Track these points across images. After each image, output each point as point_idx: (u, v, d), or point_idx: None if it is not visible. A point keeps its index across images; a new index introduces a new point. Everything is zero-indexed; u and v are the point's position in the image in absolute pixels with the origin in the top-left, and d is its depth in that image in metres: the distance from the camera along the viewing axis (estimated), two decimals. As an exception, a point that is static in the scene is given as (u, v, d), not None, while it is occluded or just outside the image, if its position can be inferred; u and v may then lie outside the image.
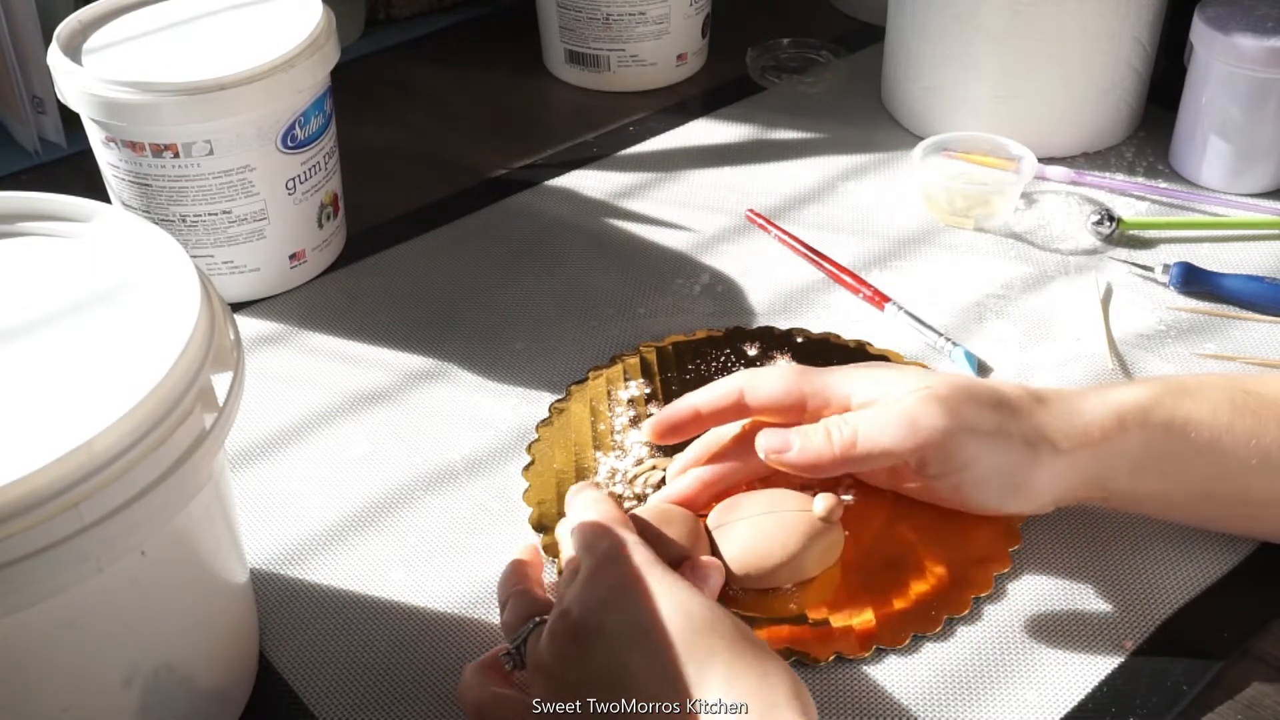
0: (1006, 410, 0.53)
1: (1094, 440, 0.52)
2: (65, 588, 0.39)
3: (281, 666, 0.53)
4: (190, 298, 0.43)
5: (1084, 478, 0.53)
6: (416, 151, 0.89)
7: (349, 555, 0.58)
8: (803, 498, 0.55)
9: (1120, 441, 0.52)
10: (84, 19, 0.71)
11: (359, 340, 0.71)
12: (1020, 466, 0.52)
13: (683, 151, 0.87)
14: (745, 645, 0.44)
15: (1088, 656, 0.52)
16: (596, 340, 0.70)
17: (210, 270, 0.72)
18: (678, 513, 0.54)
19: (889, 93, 0.90)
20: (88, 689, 0.43)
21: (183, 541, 0.44)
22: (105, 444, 0.38)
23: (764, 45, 0.98)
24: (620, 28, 0.91)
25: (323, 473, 0.62)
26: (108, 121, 0.67)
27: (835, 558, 0.55)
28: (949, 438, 0.51)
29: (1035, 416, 0.53)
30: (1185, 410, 0.52)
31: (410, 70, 0.99)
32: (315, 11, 0.71)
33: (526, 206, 0.82)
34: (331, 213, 0.76)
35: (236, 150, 0.68)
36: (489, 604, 0.55)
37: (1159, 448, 0.52)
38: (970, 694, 0.51)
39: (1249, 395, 0.53)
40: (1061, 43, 0.79)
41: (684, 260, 0.77)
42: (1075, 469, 0.53)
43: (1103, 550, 0.57)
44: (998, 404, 0.53)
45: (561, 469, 0.61)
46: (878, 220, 0.79)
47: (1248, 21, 0.76)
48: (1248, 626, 0.53)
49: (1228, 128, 0.78)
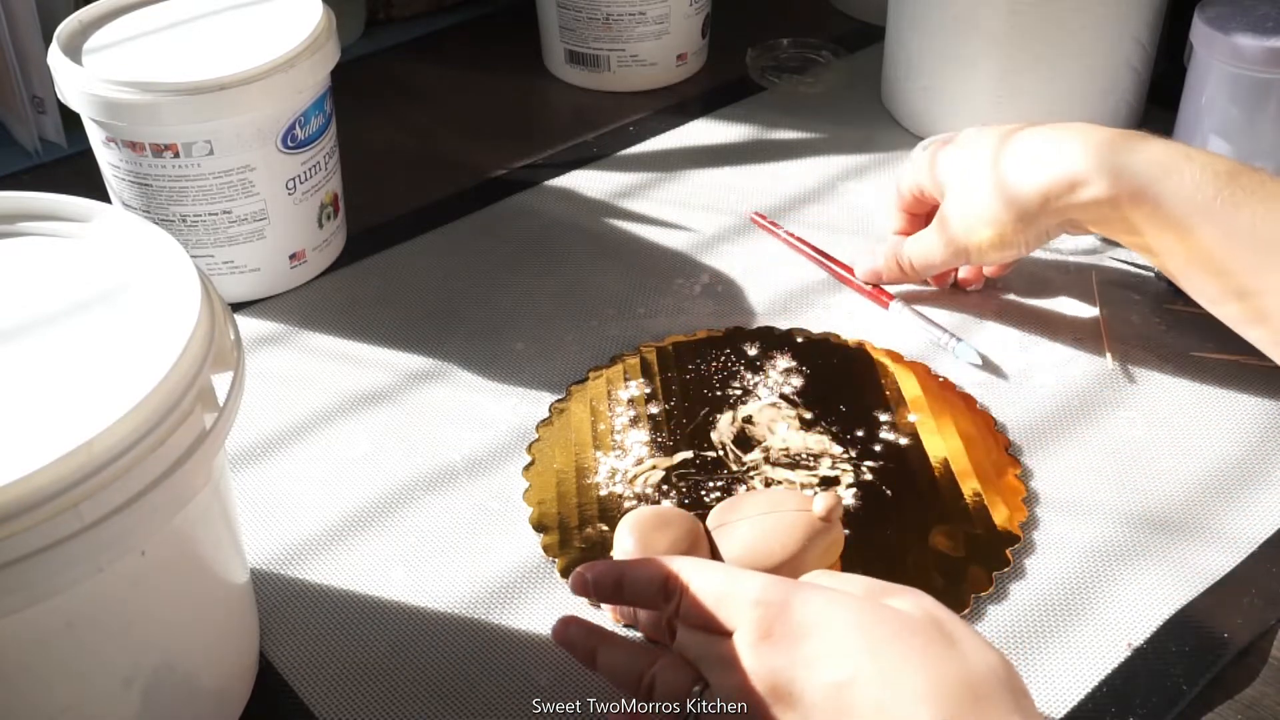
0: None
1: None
2: (65, 588, 0.39)
3: (281, 666, 0.53)
4: (190, 298, 0.43)
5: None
6: (416, 151, 0.89)
7: (349, 555, 0.58)
8: (803, 497, 0.55)
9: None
10: (84, 19, 0.71)
11: (359, 340, 0.71)
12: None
13: (683, 151, 0.87)
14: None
15: (1088, 656, 0.52)
16: (596, 340, 0.70)
17: (210, 270, 0.72)
18: (677, 513, 0.54)
19: (889, 93, 0.90)
20: (88, 689, 0.43)
21: (183, 541, 0.44)
22: (105, 444, 0.38)
23: (764, 45, 0.98)
24: (620, 28, 0.91)
25: (323, 473, 0.62)
26: (108, 121, 0.67)
27: (835, 557, 0.55)
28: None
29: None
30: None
31: (410, 70, 0.99)
32: (315, 11, 0.71)
33: (526, 206, 0.82)
34: (331, 213, 0.76)
35: (237, 150, 0.68)
36: (489, 604, 0.55)
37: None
38: (970, 694, 0.51)
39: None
40: (1061, 43, 0.79)
41: (684, 260, 0.77)
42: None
43: (1103, 550, 0.57)
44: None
45: (561, 469, 0.61)
46: (878, 220, 0.79)
47: (1248, 21, 0.76)
48: (1248, 626, 0.53)
49: (1228, 128, 0.78)
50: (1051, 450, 0.62)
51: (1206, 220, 0.56)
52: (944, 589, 0.54)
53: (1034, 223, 0.62)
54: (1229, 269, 0.57)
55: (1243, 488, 0.60)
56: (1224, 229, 0.56)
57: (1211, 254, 0.57)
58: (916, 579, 0.55)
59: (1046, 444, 0.62)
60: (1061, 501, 0.59)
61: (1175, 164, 0.57)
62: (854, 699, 0.41)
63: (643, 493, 0.59)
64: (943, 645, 0.42)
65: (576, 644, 0.50)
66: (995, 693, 0.41)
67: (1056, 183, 0.60)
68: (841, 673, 0.42)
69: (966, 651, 0.42)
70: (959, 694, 0.41)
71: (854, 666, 0.42)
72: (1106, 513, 0.59)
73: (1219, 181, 0.57)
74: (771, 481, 0.60)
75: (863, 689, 0.41)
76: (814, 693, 0.42)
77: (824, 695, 0.42)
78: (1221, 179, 0.57)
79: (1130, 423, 0.63)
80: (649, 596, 0.47)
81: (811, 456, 0.61)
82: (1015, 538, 0.57)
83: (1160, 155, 0.58)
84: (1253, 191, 0.56)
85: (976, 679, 0.41)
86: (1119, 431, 0.63)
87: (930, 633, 0.42)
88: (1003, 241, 0.64)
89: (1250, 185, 0.56)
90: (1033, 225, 0.62)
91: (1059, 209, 0.61)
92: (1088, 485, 0.60)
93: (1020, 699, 0.41)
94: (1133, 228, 0.59)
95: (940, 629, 0.43)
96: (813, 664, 0.42)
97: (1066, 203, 0.60)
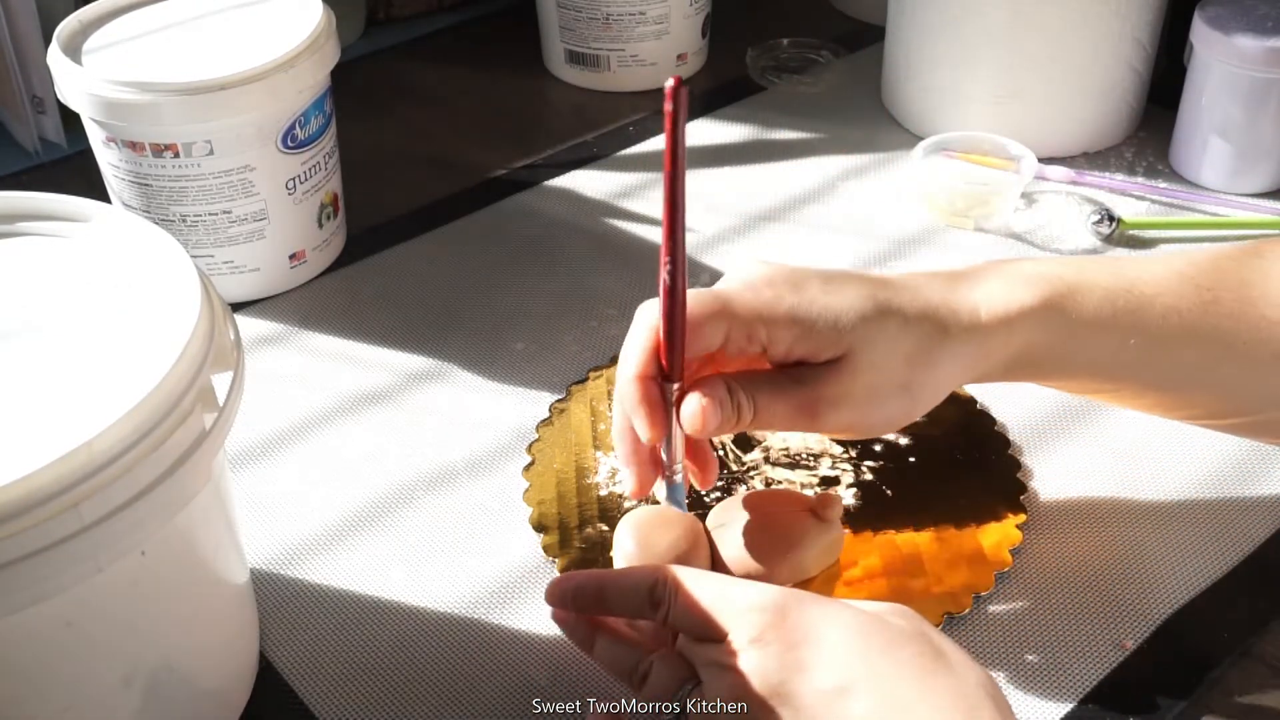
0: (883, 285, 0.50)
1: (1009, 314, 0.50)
2: (65, 588, 0.39)
3: (281, 666, 0.53)
4: (190, 298, 0.43)
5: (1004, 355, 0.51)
6: (416, 151, 0.89)
7: (349, 555, 0.58)
8: (803, 497, 0.55)
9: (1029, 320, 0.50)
10: (84, 19, 0.71)
11: (359, 340, 0.71)
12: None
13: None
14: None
15: (1087, 656, 0.52)
16: (596, 340, 0.70)
17: (210, 270, 0.72)
18: (677, 513, 0.54)
19: (889, 93, 0.90)
20: (88, 689, 0.43)
21: (183, 541, 0.44)
22: (105, 444, 0.38)
23: (764, 45, 0.98)
24: (620, 28, 0.91)
25: (323, 473, 0.62)
26: (108, 121, 0.67)
27: (835, 557, 0.55)
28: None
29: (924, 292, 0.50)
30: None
31: (410, 70, 0.99)
32: (315, 11, 0.71)
33: (526, 206, 0.82)
34: (331, 213, 0.76)
35: (236, 150, 0.68)
36: (489, 604, 0.55)
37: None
38: (970, 694, 0.51)
39: (1131, 295, 0.52)
40: (1061, 43, 0.79)
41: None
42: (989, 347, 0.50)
43: (1102, 550, 0.57)
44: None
45: (561, 469, 0.61)
46: (878, 220, 0.79)
47: (1248, 21, 0.76)
48: (1248, 626, 0.53)
49: (1228, 128, 0.78)
50: (1051, 450, 0.62)
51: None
52: (944, 589, 0.54)
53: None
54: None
55: (1243, 488, 0.60)
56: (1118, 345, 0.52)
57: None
58: (916, 579, 0.55)
59: (1046, 444, 0.62)
60: (1061, 501, 0.59)
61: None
62: (849, 706, 0.41)
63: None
64: (933, 658, 0.42)
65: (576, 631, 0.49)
66: (984, 704, 0.41)
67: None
68: (837, 679, 0.42)
69: (955, 666, 0.42)
70: (952, 704, 0.41)
71: (849, 674, 0.42)
72: (1106, 513, 0.58)
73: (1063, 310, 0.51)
74: (771, 481, 0.60)
75: (857, 696, 0.41)
76: (808, 698, 0.42)
77: (818, 701, 0.42)
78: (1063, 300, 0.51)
79: (1130, 423, 0.63)
80: (635, 605, 0.47)
81: (811, 456, 0.61)
82: (1015, 538, 0.57)
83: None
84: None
85: (967, 691, 0.41)
86: (1119, 431, 0.63)
87: (921, 645, 0.43)
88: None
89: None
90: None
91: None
92: (1088, 485, 0.60)
93: (1006, 714, 0.42)
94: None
95: (930, 643, 0.43)
96: (808, 670, 0.42)
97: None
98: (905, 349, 0.49)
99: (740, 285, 0.49)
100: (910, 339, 0.49)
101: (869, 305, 0.49)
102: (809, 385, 0.49)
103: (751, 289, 0.49)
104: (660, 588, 0.46)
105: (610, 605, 0.48)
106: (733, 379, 0.50)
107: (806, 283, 0.49)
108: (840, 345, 0.49)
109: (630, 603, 0.47)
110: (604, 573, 0.49)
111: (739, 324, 0.48)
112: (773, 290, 0.49)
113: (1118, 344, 0.51)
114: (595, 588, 0.48)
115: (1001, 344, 0.51)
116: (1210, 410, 0.55)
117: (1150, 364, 0.52)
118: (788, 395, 0.49)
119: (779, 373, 0.50)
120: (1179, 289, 0.52)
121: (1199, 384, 0.53)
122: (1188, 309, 0.51)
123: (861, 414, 0.50)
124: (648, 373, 0.49)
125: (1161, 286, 0.52)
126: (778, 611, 0.43)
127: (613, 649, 0.48)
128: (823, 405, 0.49)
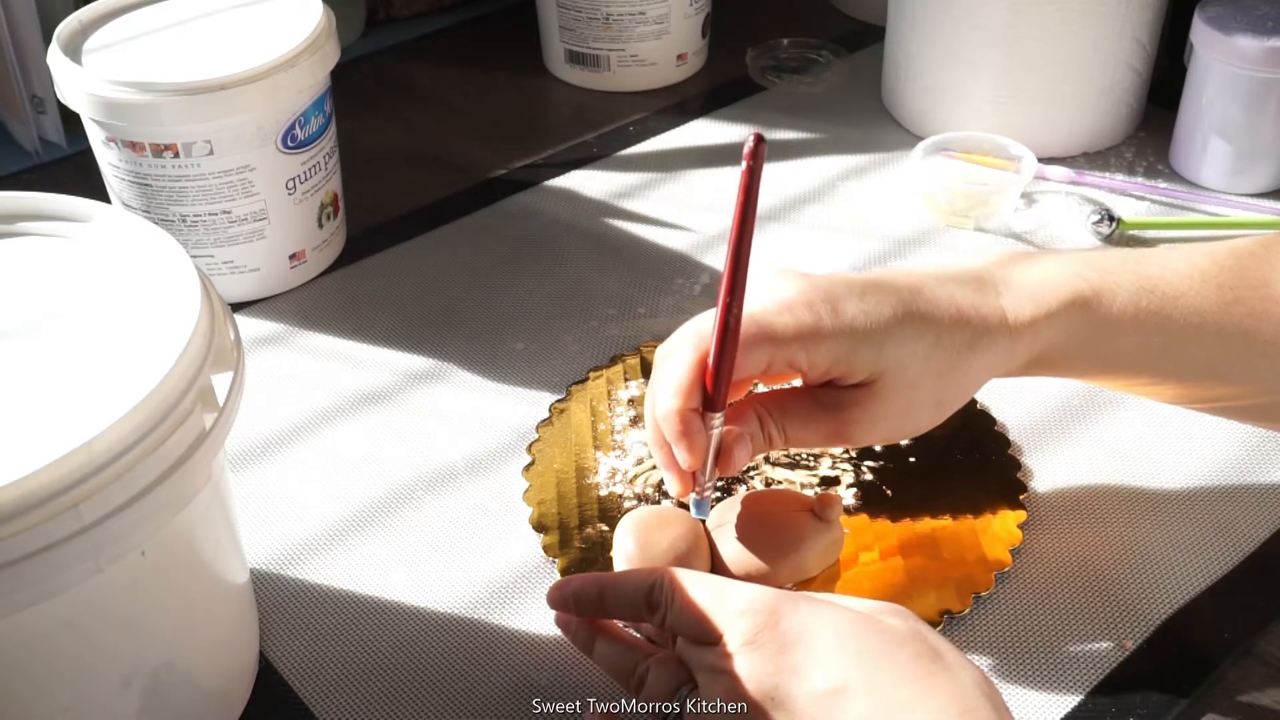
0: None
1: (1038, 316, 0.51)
2: (65, 588, 0.39)
3: (281, 666, 0.53)
4: (190, 298, 0.43)
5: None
6: (416, 151, 0.89)
7: (349, 555, 0.58)
8: (803, 498, 0.55)
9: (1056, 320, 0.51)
10: (84, 19, 0.71)
11: (359, 340, 0.71)
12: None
13: (683, 151, 0.87)
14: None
15: (1088, 656, 0.52)
16: (596, 340, 0.70)
17: (210, 270, 0.72)
18: (677, 513, 0.54)
19: (889, 93, 0.90)
20: (88, 689, 0.43)
21: (183, 541, 0.44)
22: (105, 444, 0.38)
23: (764, 45, 0.98)
24: (620, 28, 0.91)
25: (323, 473, 0.62)
26: (108, 121, 0.67)
27: (835, 557, 0.55)
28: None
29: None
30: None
31: (410, 70, 0.99)
32: (315, 11, 0.71)
33: (526, 206, 0.82)
34: (331, 213, 0.76)
35: (236, 150, 0.68)
36: (489, 604, 0.55)
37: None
38: (970, 694, 0.51)
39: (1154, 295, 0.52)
40: (1061, 43, 0.79)
41: (684, 260, 0.77)
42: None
43: (1102, 550, 0.57)
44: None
45: (561, 469, 0.61)
46: (878, 220, 0.79)
47: (1248, 21, 0.76)
48: (1248, 626, 0.53)
49: (1228, 128, 0.78)
50: (1051, 450, 0.62)
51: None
52: (944, 589, 0.54)
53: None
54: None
55: (1243, 487, 0.60)
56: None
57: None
58: (916, 579, 0.55)
59: (1046, 444, 0.62)
60: (1061, 501, 0.59)
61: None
62: (844, 707, 0.41)
63: (643, 493, 0.59)
64: (930, 659, 0.42)
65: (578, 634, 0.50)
66: (981, 705, 0.41)
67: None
68: (831, 681, 0.42)
69: (951, 665, 0.42)
70: (948, 706, 0.41)
71: (844, 675, 0.42)
72: (1106, 512, 0.58)
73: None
74: (771, 481, 0.60)
75: (852, 698, 0.41)
76: (803, 701, 0.42)
77: (813, 703, 0.42)
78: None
79: (1130, 423, 0.63)
80: (634, 608, 0.47)
81: (811, 456, 0.61)
82: (1015, 538, 0.57)
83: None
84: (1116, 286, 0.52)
85: (964, 691, 0.41)
86: (1119, 431, 0.63)
87: (917, 646, 0.43)
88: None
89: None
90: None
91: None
92: (1088, 484, 0.60)
93: (1003, 714, 0.42)
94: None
95: (926, 643, 0.43)
96: (802, 672, 0.42)
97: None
98: (937, 366, 0.50)
99: (777, 307, 0.49)
100: (943, 355, 0.50)
101: (905, 326, 0.50)
102: (842, 410, 0.51)
103: (790, 312, 0.49)
104: (658, 591, 0.46)
105: (610, 608, 0.48)
106: (763, 409, 0.51)
107: (842, 302, 0.50)
108: (877, 368, 0.50)
109: (629, 606, 0.47)
110: (604, 576, 0.49)
111: (781, 350, 0.49)
112: (812, 314, 0.49)
113: (1140, 343, 0.52)
114: (595, 591, 0.48)
115: (1027, 346, 0.51)
116: (1225, 395, 0.55)
117: (1171, 360, 0.53)
118: (818, 422, 0.51)
119: (807, 395, 0.51)
120: (1201, 289, 0.52)
121: (1219, 376, 0.54)
122: (1210, 309, 0.52)
123: (892, 430, 0.52)
124: (691, 405, 0.49)
125: (1184, 286, 0.52)
126: (770, 613, 0.43)
127: (612, 651, 0.48)
128: (854, 428, 0.51)
